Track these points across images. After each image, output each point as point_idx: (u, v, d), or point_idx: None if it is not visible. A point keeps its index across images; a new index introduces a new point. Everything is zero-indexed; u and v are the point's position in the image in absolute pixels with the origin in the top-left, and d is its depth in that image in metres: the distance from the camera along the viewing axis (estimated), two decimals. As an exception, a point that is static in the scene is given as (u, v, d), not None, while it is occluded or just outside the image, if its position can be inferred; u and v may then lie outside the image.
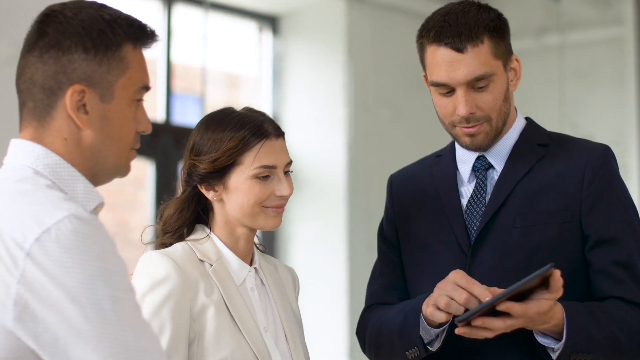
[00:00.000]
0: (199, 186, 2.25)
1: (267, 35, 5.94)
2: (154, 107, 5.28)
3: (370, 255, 5.43)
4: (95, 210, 1.70)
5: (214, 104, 5.37)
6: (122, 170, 1.75)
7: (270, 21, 5.93)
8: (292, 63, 5.88)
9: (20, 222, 1.53)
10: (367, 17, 5.80)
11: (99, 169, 1.70)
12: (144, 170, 5.14)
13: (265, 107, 5.71)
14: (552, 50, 5.93)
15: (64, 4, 1.69)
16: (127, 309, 1.53)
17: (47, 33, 1.65)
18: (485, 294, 2.07)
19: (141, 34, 1.71)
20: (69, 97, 1.64)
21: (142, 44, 1.72)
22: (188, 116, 5.70)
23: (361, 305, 2.49)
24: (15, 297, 1.50)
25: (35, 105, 1.66)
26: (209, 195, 2.24)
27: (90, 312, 1.50)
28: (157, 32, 1.74)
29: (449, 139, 2.47)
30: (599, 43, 5.93)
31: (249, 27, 5.94)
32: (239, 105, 2.34)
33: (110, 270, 1.53)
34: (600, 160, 2.26)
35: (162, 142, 5.18)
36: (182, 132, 5.31)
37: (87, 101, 1.65)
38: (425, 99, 5.87)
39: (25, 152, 1.66)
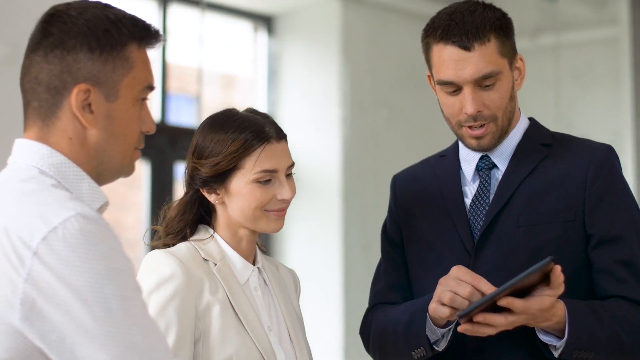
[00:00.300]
0: (201, 189, 2.25)
1: (263, 35, 5.95)
2: (149, 107, 5.28)
3: (365, 256, 5.48)
4: (100, 210, 1.71)
5: (209, 104, 5.38)
6: (127, 169, 1.76)
7: (265, 21, 5.93)
8: (288, 63, 5.89)
9: (26, 221, 1.53)
10: (362, 17, 5.81)
11: (104, 169, 1.71)
12: (138, 170, 5.13)
13: (260, 107, 5.69)
14: (547, 51, 5.95)
15: (68, 4, 1.69)
16: (134, 308, 1.54)
17: (51, 33, 1.65)
18: (493, 290, 2.07)
19: (146, 34, 1.71)
20: (75, 96, 1.64)
21: (147, 44, 1.72)
22: (182, 116, 5.71)
23: (356, 305, 2.50)
24: (22, 296, 1.50)
25: (40, 105, 1.66)
26: (211, 198, 2.25)
27: (97, 311, 1.50)
28: (161, 33, 1.75)
29: (445, 139, 2.47)
30: (595, 43, 5.94)
31: (244, 27, 5.94)
32: (234, 106, 2.34)
33: (117, 269, 1.53)
34: (603, 160, 2.27)
35: (157, 142, 5.19)
36: (177, 132, 5.32)
37: (92, 100, 1.65)
38: (421, 99, 5.92)
39: (30, 152, 1.66)
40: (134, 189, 5.63)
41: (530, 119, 2.42)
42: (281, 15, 5.92)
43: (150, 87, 1.74)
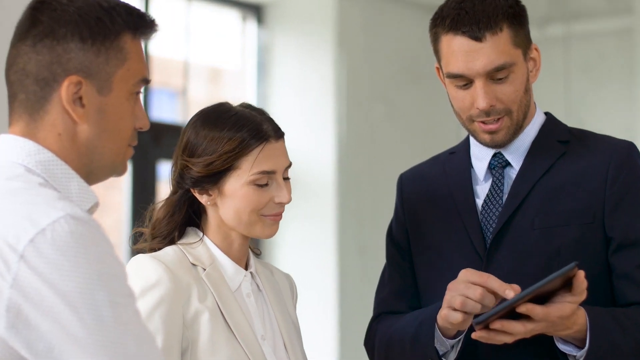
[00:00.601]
0: (191, 189, 2.24)
1: (252, 26, 5.95)
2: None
3: (361, 260, 5.49)
4: (90, 211, 1.70)
5: (195, 99, 5.39)
6: (119, 168, 1.76)
7: (254, 10, 5.93)
8: (279, 55, 5.88)
9: (13, 223, 1.52)
10: (358, 5, 5.81)
11: (95, 167, 1.70)
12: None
13: (249, 102, 5.71)
14: (556, 42, 5.95)
15: None
16: (127, 315, 1.53)
17: (40, 21, 1.65)
18: (504, 287, 2.07)
19: (141, 23, 1.71)
20: (65, 89, 1.64)
21: (142, 34, 1.72)
22: (166, 112, 5.72)
23: (352, 311, 2.49)
24: (7, 302, 1.49)
25: (28, 98, 1.66)
26: (202, 199, 2.23)
27: (88, 319, 1.49)
28: (156, 22, 1.75)
29: (447, 137, 2.47)
30: (607, 34, 5.95)
31: (232, 17, 5.94)
32: (222, 101, 2.33)
33: (109, 274, 1.53)
34: (624, 157, 2.27)
35: (139, 139, 5.17)
36: (160, 129, 5.32)
37: (83, 93, 1.65)
38: (421, 93, 5.94)
39: (15, 148, 1.65)
40: (113, 189, 5.63)
41: (546, 113, 2.42)
42: (271, 4, 5.92)
43: (145, 80, 1.74)
